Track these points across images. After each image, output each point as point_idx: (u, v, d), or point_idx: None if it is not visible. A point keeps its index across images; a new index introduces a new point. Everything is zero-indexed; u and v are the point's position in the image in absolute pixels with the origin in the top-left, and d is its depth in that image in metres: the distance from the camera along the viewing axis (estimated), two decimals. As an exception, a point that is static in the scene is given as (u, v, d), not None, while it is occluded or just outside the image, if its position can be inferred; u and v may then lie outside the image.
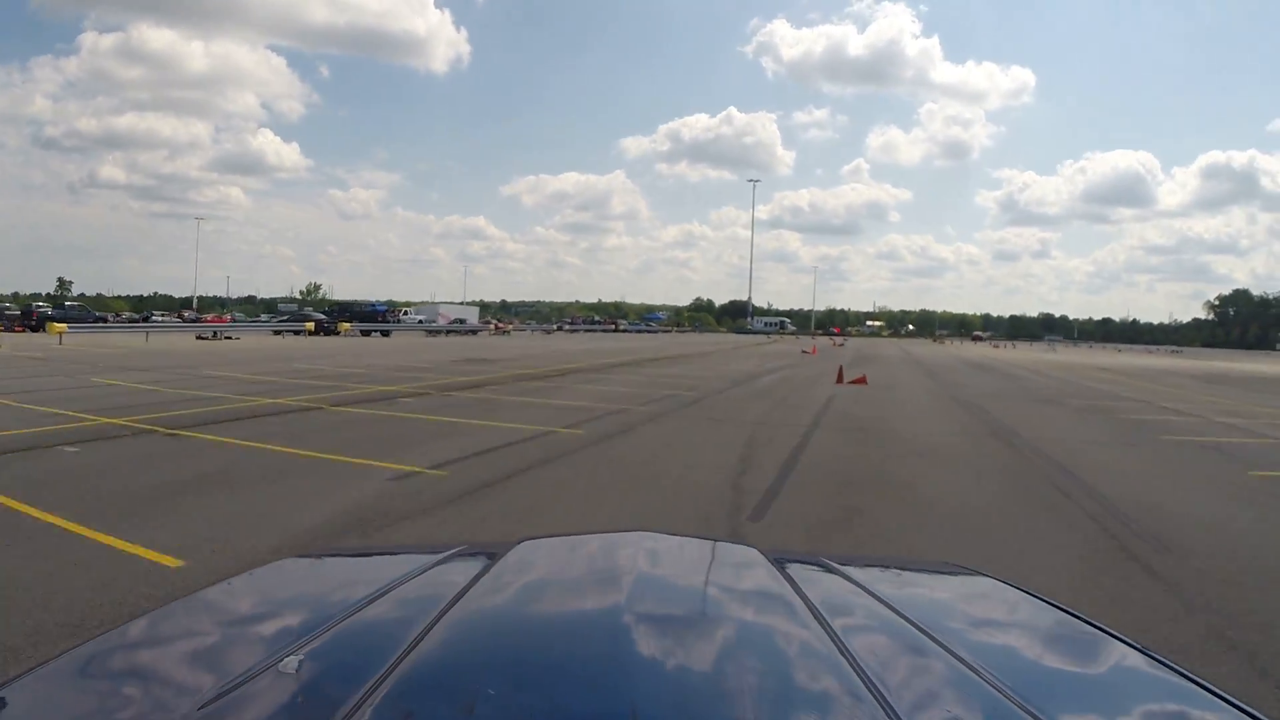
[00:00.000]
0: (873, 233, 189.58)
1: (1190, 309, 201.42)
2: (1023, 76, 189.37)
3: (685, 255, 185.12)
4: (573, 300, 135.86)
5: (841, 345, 53.71)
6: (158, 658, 1.02)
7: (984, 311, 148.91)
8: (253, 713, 0.79)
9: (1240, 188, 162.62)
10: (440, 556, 1.32)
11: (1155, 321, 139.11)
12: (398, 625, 0.97)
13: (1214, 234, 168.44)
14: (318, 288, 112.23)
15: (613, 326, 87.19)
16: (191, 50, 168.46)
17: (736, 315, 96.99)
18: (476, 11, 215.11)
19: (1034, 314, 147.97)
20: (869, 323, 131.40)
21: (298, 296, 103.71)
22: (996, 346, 70.84)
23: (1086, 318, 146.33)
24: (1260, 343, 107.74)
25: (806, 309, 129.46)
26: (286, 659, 0.86)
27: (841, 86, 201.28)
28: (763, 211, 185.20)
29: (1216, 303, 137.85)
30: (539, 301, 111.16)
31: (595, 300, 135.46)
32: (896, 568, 1.66)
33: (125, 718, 0.84)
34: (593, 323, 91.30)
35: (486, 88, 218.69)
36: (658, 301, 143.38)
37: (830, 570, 1.34)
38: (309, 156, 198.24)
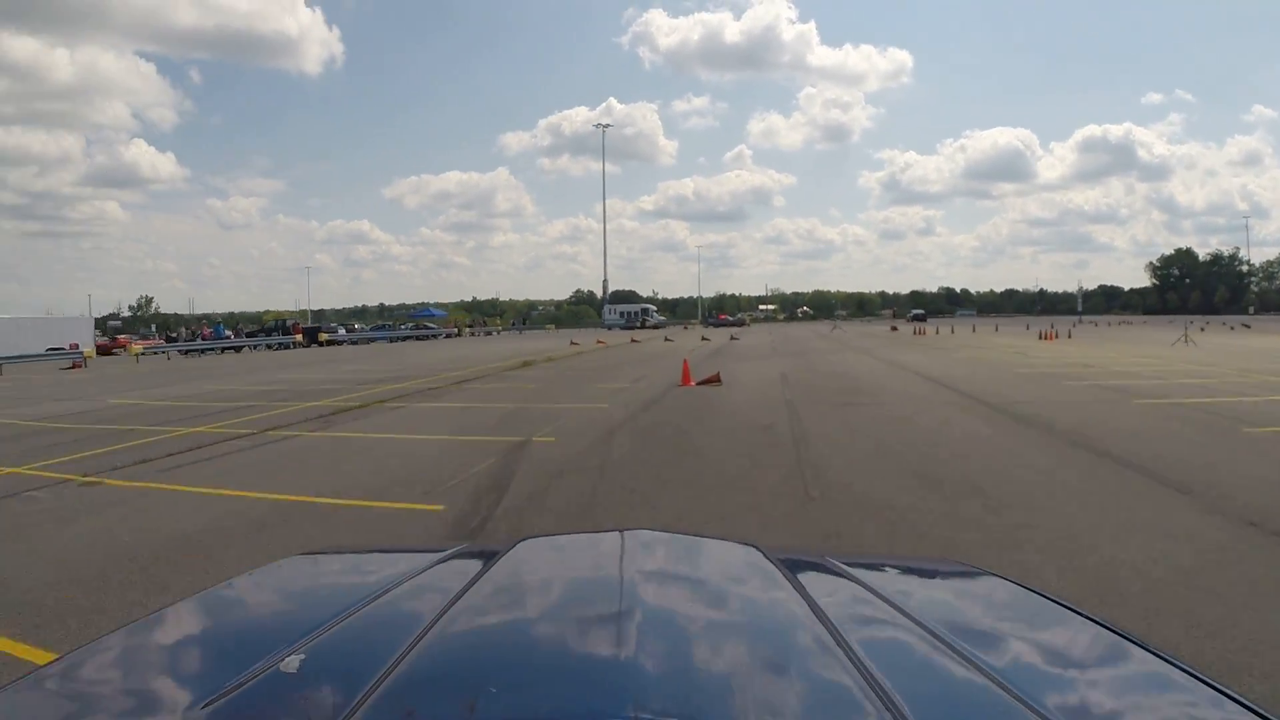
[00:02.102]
0: (759, 218, 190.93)
1: (1071, 279, 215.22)
2: (900, 58, 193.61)
3: (574, 249, 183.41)
4: (468, 299, 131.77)
5: (736, 339, 39.58)
6: (161, 657, 1.03)
7: (879, 290, 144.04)
8: (256, 711, 0.80)
9: (1117, 159, 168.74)
10: (441, 556, 1.33)
11: (1059, 290, 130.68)
12: (399, 624, 0.98)
13: (1093, 205, 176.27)
14: (149, 301, 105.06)
15: (226, 336, 48.33)
16: (55, 59, 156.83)
17: (621, 303, 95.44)
18: (348, 10, 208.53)
19: (932, 289, 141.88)
20: (761, 307, 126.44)
21: (125, 314, 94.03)
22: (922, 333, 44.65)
23: (988, 289, 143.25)
24: (1205, 307, 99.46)
25: (694, 296, 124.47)
26: (289, 658, 0.87)
27: (720, 74, 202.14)
28: (648, 202, 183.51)
29: (1158, 264, 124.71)
30: (427, 303, 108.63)
31: (491, 298, 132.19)
32: (898, 566, 1.64)
33: (130, 716, 0.85)
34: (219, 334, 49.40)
35: (362, 88, 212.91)
36: (545, 296, 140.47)
37: (831, 568, 1.35)
38: (185, 166, 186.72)
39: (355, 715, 0.74)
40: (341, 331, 53.77)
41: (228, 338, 46.93)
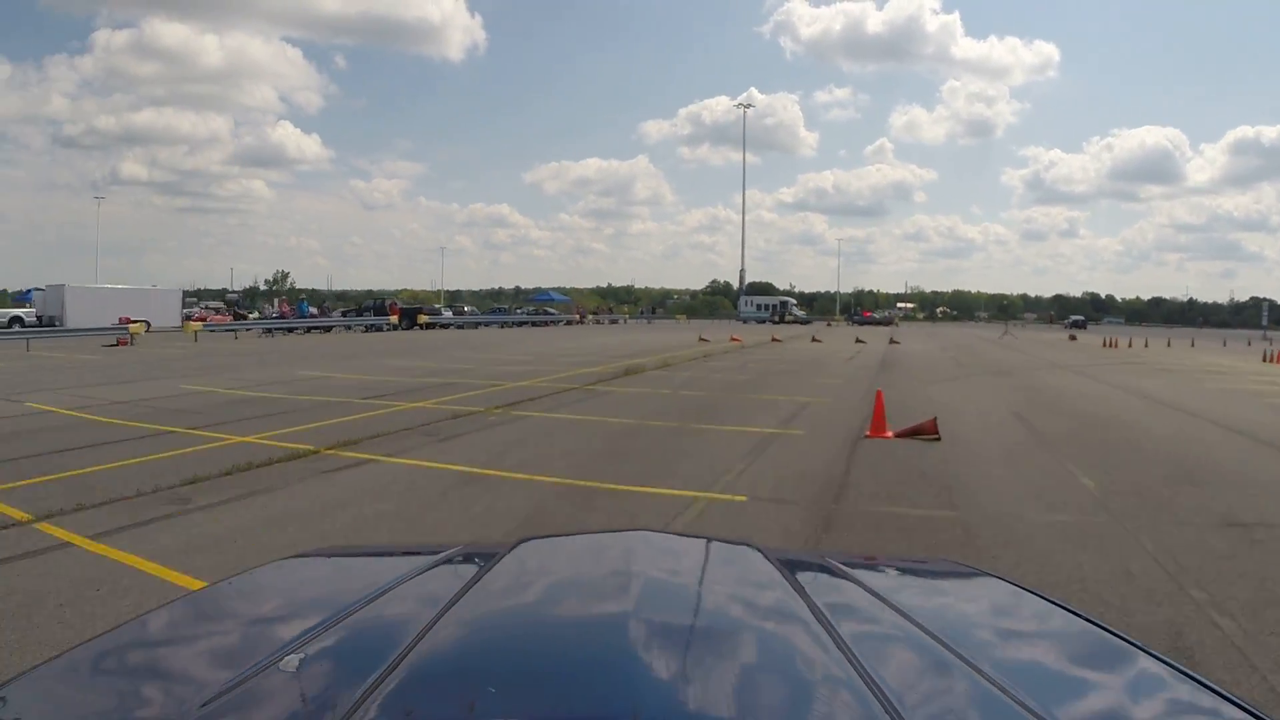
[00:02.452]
0: (899, 213, 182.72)
1: (1218, 288, 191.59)
2: (1046, 51, 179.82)
3: (710, 239, 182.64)
4: (604, 285, 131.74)
5: (897, 343, 30.87)
6: (159, 656, 1.03)
7: (1019, 292, 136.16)
8: (254, 711, 0.79)
9: (1271, 163, 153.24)
10: (441, 556, 1.34)
11: (1208, 300, 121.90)
12: (399, 624, 0.98)
13: (1244, 211, 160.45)
14: (285, 276, 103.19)
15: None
16: (205, 44, 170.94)
17: (758, 295, 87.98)
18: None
19: (1076, 294, 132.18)
20: (899, 305, 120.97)
21: (262, 287, 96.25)
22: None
23: (1134, 296, 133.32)
24: None
25: (834, 290, 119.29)
26: (288, 657, 0.87)
27: (862, 65, 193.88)
28: (787, 194, 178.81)
29: None
30: (566, 288, 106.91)
31: (627, 284, 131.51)
32: (898, 567, 1.64)
33: (127, 716, 0.85)
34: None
35: (504, 75, 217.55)
36: (681, 286, 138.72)
37: (831, 569, 1.35)
38: (330, 148, 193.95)
39: (354, 715, 0.74)
40: (447, 314, 49.93)
41: (312, 315, 40.89)
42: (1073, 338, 42.45)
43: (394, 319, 40.99)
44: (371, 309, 43.58)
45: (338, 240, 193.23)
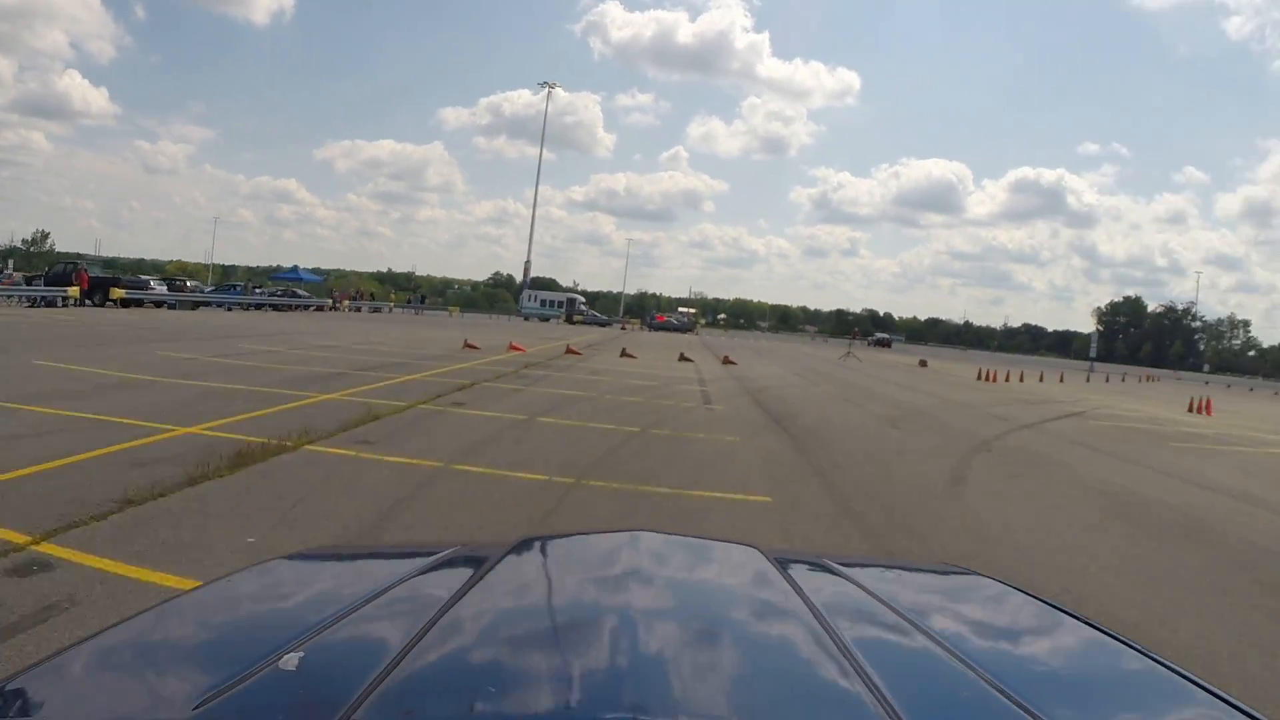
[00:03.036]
0: (686, 221, 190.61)
1: (990, 314, 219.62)
2: (848, 79, 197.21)
3: (498, 232, 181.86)
4: (384, 270, 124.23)
5: (734, 363, 24.65)
6: (154, 657, 1.00)
7: (799, 304, 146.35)
8: (250, 712, 0.78)
9: (1046, 203, 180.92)
10: (440, 556, 1.31)
11: (981, 324, 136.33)
12: (397, 624, 0.97)
13: (1017, 244, 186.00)
14: (45, 236, 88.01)
15: None
16: None
17: (543, 290, 79.92)
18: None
19: (854, 309, 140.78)
20: (681, 309, 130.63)
21: (19, 246, 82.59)
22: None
23: (911, 316, 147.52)
24: (1157, 359, 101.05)
25: (618, 291, 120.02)
26: (285, 658, 0.85)
27: (668, 73, 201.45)
28: (579, 193, 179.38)
29: (1106, 310, 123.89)
30: (345, 270, 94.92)
31: (408, 270, 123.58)
32: (898, 568, 1.69)
33: (121, 716, 0.83)
34: None
35: (307, 45, 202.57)
36: (464, 276, 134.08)
37: (831, 570, 1.35)
38: (118, 103, 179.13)
39: (353, 715, 0.72)
40: (161, 288, 38.05)
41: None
42: (923, 363, 38.31)
43: (75, 292, 30.99)
44: (60, 276, 32.92)
45: (115, 203, 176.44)
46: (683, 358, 24.36)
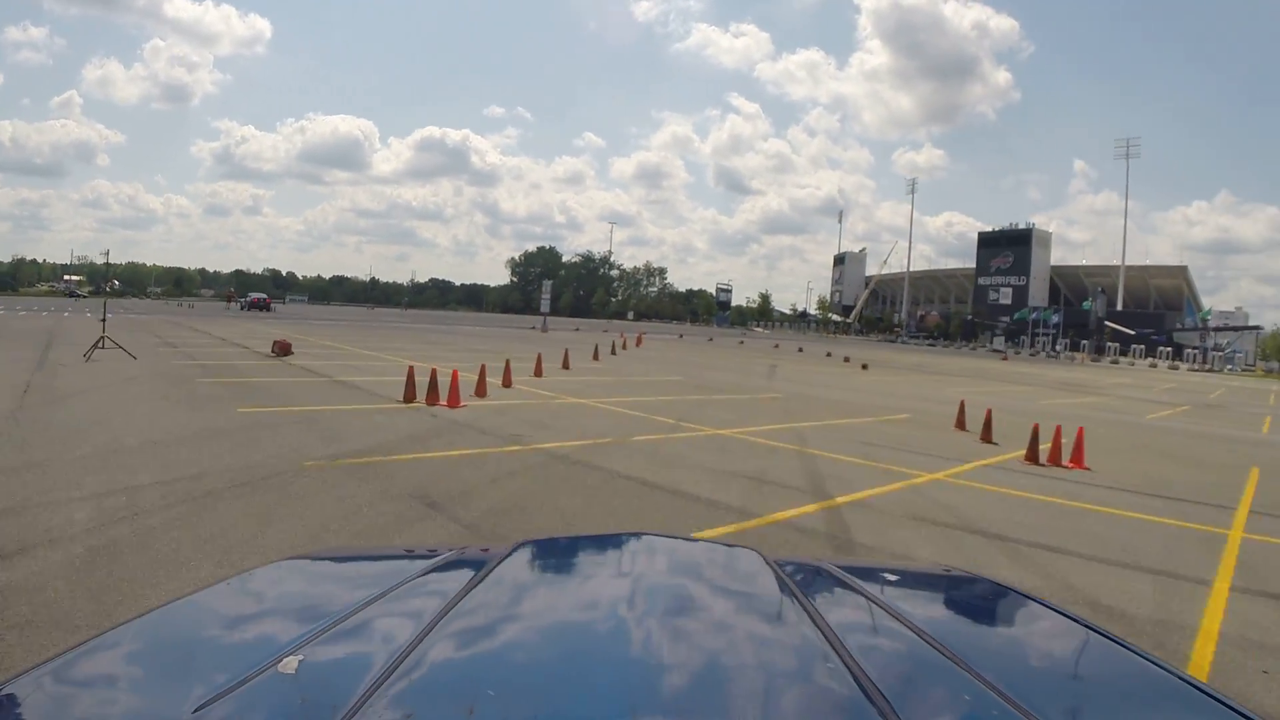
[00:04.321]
0: (79, 176, 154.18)
1: (396, 270, 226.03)
2: (260, 26, 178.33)
3: None
4: None
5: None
6: (154, 659, 1.01)
7: (199, 266, 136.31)
8: (250, 715, 0.78)
9: (452, 161, 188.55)
10: (439, 558, 1.32)
11: (389, 280, 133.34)
12: (397, 627, 0.97)
13: (421, 201, 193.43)
14: None
15: None
16: None
17: None
18: None
19: (257, 270, 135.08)
20: (67, 277, 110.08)
21: None
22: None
23: (316, 275, 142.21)
24: (580, 309, 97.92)
25: None
26: (285, 660, 0.86)
27: (66, 6, 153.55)
28: None
29: (519, 261, 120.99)
30: None
31: None
32: (897, 573, 1.64)
33: (122, 718, 0.84)
34: None
35: None
36: None
37: (830, 575, 1.36)
38: None
39: (354, 718, 0.73)
40: None
41: None
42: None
43: None
44: None
45: None
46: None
